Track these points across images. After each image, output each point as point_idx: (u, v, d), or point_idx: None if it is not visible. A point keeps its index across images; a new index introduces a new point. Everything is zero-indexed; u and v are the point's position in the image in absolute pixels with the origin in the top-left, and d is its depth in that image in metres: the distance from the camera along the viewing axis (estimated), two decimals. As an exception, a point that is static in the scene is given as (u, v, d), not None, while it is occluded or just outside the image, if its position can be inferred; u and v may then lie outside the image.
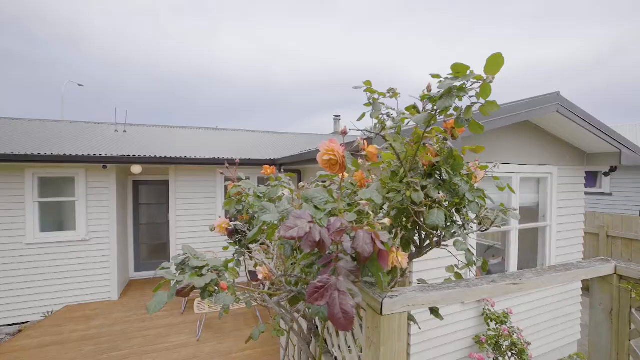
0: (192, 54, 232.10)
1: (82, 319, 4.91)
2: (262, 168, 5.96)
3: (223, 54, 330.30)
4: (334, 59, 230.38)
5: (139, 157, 5.33)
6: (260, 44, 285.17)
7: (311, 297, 0.61)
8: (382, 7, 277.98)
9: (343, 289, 0.60)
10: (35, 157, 4.84)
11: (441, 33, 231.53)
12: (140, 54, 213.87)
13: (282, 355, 2.64)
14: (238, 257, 2.40)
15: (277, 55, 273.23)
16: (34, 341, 4.29)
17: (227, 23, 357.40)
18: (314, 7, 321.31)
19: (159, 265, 6.31)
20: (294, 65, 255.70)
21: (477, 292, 1.19)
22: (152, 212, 7.01)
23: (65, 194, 5.46)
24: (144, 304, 5.46)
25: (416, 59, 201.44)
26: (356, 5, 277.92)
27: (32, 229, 5.21)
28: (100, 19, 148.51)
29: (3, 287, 5.07)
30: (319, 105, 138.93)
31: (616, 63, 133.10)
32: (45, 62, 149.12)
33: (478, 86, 0.98)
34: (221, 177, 6.29)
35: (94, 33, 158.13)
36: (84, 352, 4.00)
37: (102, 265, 5.60)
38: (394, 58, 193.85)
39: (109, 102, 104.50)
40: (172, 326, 4.68)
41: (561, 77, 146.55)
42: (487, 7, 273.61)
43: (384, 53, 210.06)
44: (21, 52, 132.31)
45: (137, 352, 3.99)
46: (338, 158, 0.87)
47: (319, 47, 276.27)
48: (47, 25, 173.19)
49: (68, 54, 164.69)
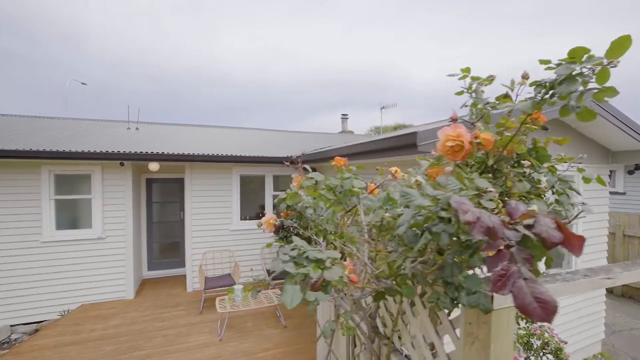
0: (191, 53, 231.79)
1: (99, 318, 4.85)
2: (275, 165, 6.18)
3: (222, 53, 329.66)
4: (333, 58, 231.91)
5: (157, 154, 5.28)
6: (261, 44, 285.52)
7: (495, 285, 0.57)
8: (381, 7, 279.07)
9: (528, 276, 0.56)
10: (53, 154, 4.78)
11: (440, 33, 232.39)
12: (140, 54, 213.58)
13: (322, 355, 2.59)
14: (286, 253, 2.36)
15: (276, 55, 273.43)
16: (52, 340, 4.23)
17: (226, 22, 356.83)
18: (315, 8, 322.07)
19: (171, 264, 6.28)
20: (294, 64, 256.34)
21: (574, 287, 1.15)
22: (165, 210, 6.95)
23: (81, 191, 5.41)
24: (159, 303, 5.41)
25: (416, 59, 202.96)
26: (356, 5, 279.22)
27: (48, 227, 5.15)
28: (100, 19, 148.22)
29: (19, 285, 5.00)
30: (319, 105, 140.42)
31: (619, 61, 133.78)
32: (44, 62, 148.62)
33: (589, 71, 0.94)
34: (237, 174, 6.25)
35: (93, 33, 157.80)
36: (105, 352, 3.94)
37: (117, 264, 5.54)
38: (393, 59, 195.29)
39: (109, 102, 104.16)
40: (191, 326, 4.63)
41: None
42: (487, 7, 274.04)
43: (384, 53, 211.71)
44: (20, 52, 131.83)
45: (159, 352, 3.93)
46: (464, 144, 0.82)
47: (318, 47, 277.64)
48: (47, 24, 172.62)
49: (68, 53, 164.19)
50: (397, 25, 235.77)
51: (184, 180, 6.90)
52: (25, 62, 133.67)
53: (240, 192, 6.35)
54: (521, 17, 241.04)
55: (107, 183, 5.48)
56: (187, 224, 5.96)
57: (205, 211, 6.07)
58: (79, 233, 5.36)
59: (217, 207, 6.16)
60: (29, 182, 5.06)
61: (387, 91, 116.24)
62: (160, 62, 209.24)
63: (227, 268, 6.00)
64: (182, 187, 6.97)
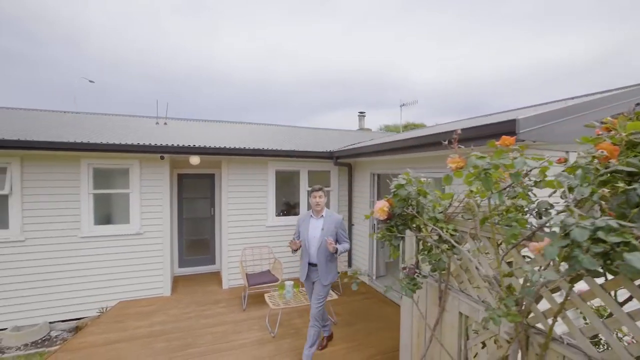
0: (190, 53, 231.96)
1: (142, 315, 4.72)
2: (310, 161, 5.85)
3: (222, 53, 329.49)
4: (333, 58, 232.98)
5: (200, 148, 5.15)
6: (260, 44, 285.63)
7: None
8: (381, 7, 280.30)
9: None
10: (95, 146, 4.66)
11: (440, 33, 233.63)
12: (139, 54, 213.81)
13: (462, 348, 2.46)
14: (395, 243, 2.23)
15: (276, 55, 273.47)
16: (100, 337, 4.10)
17: (226, 22, 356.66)
18: (315, 8, 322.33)
19: (201, 261, 6.13)
20: (294, 64, 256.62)
21: None
22: (195, 206, 6.82)
23: (120, 185, 5.28)
24: (198, 300, 5.28)
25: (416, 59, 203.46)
26: (356, 5, 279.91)
27: (87, 222, 5.03)
28: (100, 19, 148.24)
29: (58, 282, 4.88)
30: (319, 105, 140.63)
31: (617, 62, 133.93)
32: (44, 61, 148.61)
33: None
34: (273, 169, 6.12)
35: (93, 33, 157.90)
36: (157, 349, 3.81)
37: (155, 260, 5.41)
38: (393, 59, 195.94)
39: (109, 102, 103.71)
40: (238, 323, 4.50)
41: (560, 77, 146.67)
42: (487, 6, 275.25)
43: (384, 53, 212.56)
44: (20, 52, 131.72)
45: (213, 349, 3.81)
46: None
47: (318, 47, 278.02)
48: (47, 24, 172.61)
49: (67, 53, 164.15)
50: (397, 25, 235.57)
51: (215, 177, 6.82)
52: (25, 62, 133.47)
53: (275, 188, 6.22)
54: (521, 17, 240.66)
55: (145, 177, 5.36)
56: (224, 219, 5.83)
57: (241, 207, 5.94)
58: (117, 228, 5.23)
59: (253, 203, 6.03)
60: (68, 176, 4.94)
61: (387, 91, 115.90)
62: (160, 62, 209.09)
63: (266, 264, 5.87)
64: (212, 183, 6.85)
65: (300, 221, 3.66)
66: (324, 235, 3.38)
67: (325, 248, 3.35)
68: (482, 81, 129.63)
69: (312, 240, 3.45)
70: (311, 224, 3.51)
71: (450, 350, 2.21)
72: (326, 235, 3.36)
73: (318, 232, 3.44)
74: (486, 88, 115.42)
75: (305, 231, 3.51)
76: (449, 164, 1.60)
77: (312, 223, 3.51)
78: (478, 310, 2.00)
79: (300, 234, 3.56)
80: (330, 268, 3.45)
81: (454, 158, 1.58)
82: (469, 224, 2.08)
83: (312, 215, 3.56)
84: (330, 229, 3.42)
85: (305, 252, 3.50)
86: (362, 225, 6.24)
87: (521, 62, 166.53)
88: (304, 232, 3.52)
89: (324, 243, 3.35)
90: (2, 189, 4.62)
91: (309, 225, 3.51)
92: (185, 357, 3.64)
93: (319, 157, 6.06)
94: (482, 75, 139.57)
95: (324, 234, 3.39)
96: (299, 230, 3.61)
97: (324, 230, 3.42)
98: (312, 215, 3.56)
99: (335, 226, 3.45)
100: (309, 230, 3.49)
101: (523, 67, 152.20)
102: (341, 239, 3.48)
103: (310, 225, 3.51)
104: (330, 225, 3.44)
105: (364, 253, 6.13)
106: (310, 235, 3.47)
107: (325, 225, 3.44)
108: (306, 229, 3.50)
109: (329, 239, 3.30)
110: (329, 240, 3.28)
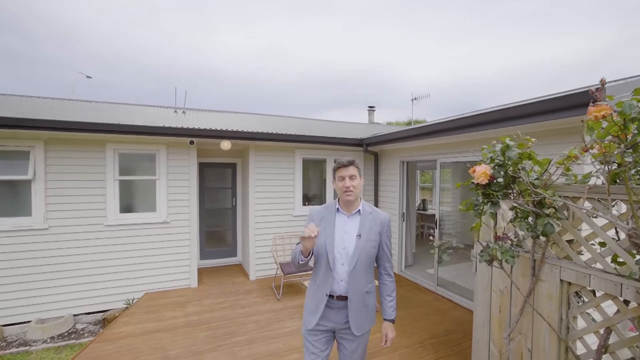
0: (189, 50, 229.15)
1: (174, 306, 4.52)
2: (336, 149, 5.57)
3: (220, 52, 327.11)
4: (333, 58, 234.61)
5: (231, 132, 4.99)
6: (259, 43, 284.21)
7: None
8: (385, 7, 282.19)
9: None
10: (125, 128, 4.46)
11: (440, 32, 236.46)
12: (137, 52, 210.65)
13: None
14: (493, 210, 2.13)
15: (275, 54, 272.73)
16: (136, 327, 3.89)
17: (223, 21, 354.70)
18: (315, 10, 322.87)
19: (223, 253, 5.96)
20: (293, 63, 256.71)
21: None
22: (217, 196, 6.63)
23: (146, 172, 5.07)
24: (229, 291, 5.09)
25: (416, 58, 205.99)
26: (357, 5, 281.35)
27: (113, 210, 4.80)
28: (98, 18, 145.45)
29: (83, 272, 4.64)
30: (319, 103, 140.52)
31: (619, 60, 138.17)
32: (43, 60, 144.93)
33: None
34: (299, 157, 5.98)
35: (91, 31, 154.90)
36: (202, 338, 3.64)
37: (182, 250, 5.21)
38: (393, 58, 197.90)
39: (108, 98, 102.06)
40: (277, 311, 4.35)
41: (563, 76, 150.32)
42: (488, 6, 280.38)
43: (385, 53, 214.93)
44: (17, 50, 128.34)
45: (261, 337, 3.65)
46: None
47: (318, 47, 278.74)
48: (43, 22, 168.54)
49: (65, 52, 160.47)
50: (398, 25, 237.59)
51: (237, 166, 6.64)
52: (23, 61, 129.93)
53: (300, 175, 6.09)
54: (522, 16, 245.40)
55: (171, 164, 5.16)
56: (250, 208, 5.66)
57: (268, 195, 5.78)
58: (144, 216, 5.01)
59: (280, 192, 5.88)
60: (93, 162, 4.71)
61: (384, 91, 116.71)
62: (158, 60, 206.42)
63: (296, 254, 5.73)
64: (234, 173, 6.67)
65: (316, 217, 1.97)
66: (363, 246, 1.86)
67: (364, 267, 1.87)
68: (478, 81, 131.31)
69: (341, 253, 1.86)
70: (338, 226, 1.91)
71: (549, 320, 2.12)
72: (366, 246, 1.86)
73: (352, 241, 1.87)
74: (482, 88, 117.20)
75: (328, 236, 1.87)
76: (591, 113, 1.51)
77: (340, 223, 1.92)
78: (587, 276, 1.92)
79: (317, 239, 1.78)
80: (369, 304, 1.93)
81: (600, 105, 1.49)
82: (573, 187, 2.01)
83: (340, 209, 1.95)
84: (372, 235, 1.90)
85: (323, 274, 1.89)
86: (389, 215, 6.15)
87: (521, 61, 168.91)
88: (325, 239, 1.87)
89: (362, 259, 1.84)
90: (26, 174, 4.37)
91: (334, 226, 1.90)
92: (233, 345, 3.48)
93: (349, 144, 5.96)
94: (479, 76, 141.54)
95: (363, 245, 1.86)
96: None
97: (362, 237, 1.87)
98: (338, 208, 1.95)
99: (381, 231, 1.93)
100: (335, 235, 1.88)
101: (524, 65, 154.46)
102: (384, 257, 1.98)
103: (338, 227, 1.90)
104: (372, 229, 1.90)
105: (393, 244, 6.03)
106: (337, 245, 1.86)
107: (363, 229, 1.88)
108: (330, 233, 1.88)
109: (386, 327, 1.94)
110: (386, 336, 1.93)
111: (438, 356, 3.27)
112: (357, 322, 1.87)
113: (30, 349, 3.92)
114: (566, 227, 2.07)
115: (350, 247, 1.86)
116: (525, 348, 2.28)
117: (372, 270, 1.95)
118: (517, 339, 2.35)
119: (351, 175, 1.87)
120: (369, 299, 1.92)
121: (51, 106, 6.12)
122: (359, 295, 1.87)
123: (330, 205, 2.01)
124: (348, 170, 1.87)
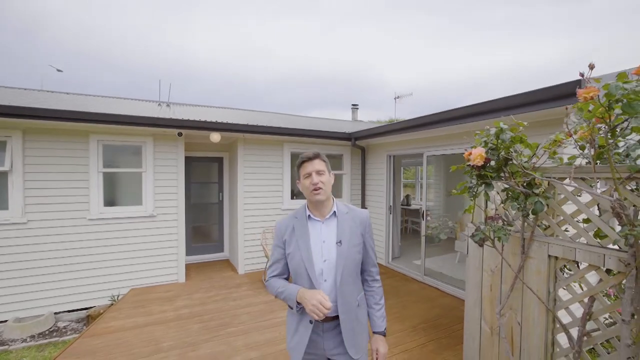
0: (168, 48, 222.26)
1: (163, 300, 4.42)
2: (327, 142, 5.60)
3: (200, 49, 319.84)
4: (313, 56, 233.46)
5: (220, 124, 4.94)
6: (242, 41, 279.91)
7: None
8: (365, 5, 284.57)
9: None
10: (109, 117, 4.31)
11: (423, 34, 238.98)
12: (112, 46, 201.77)
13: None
14: (488, 190, 2.26)
15: (256, 53, 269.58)
16: (126, 322, 3.79)
17: (206, 18, 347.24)
18: (298, 6, 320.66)
19: (210, 248, 5.94)
20: (274, 62, 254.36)
21: None
22: (203, 191, 6.53)
23: (132, 164, 4.92)
24: (219, 285, 5.04)
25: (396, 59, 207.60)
26: (337, 6, 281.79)
27: (97, 203, 4.63)
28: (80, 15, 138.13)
29: (65, 268, 4.45)
30: (303, 103, 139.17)
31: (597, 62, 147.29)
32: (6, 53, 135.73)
33: None
34: (288, 151, 5.99)
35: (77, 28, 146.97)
36: (195, 330, 3.59)
37: (169, 244, 5.10)
38: (375, 61, 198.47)
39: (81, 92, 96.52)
40: (269, 303, 4.35)
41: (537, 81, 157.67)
42: (472, 9, 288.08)
43: (366, 53, 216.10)
44: None
45: (256, 327, 3.65)
46: None
47: (298, 46, 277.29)
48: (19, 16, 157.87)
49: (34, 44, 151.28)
50: (381, 24, 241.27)
51: (223, 160, 6.56)
52: None
53: (290, 171, 6.11)
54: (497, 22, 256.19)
55: (158, 157, 5.04)
56: (239, 202, 5.62)
57: (256, 189, 5.76)
58: (129, 210, 4.87)
59: (269, 186, 5.87)
60: (75, 153, 4.52)
61: (366, 90, 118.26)
62: (132, 55, 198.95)
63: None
64: (221, 167, 6.59)
65: (283, 231, 1.61)
66: (346, 254, 1.52)
67: (352, 278, 1.56)
68: (459, 83, 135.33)
69: (322, 268, 1.51)
70: (313, 235, 1.55)
71: (538, 294, 2.28)
72: (350, 253, 1.53)
73: (332, 251, 1.52)
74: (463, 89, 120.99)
75: (303, 251, 1.51)
76: (580, 95, 1.65)
77: (315, 232, 1.56)
78: (573, 250, 2.08)
79: (291, 257, 1.54)
80: (361, 317, 1.60)
81: (588, 87, 1.63)
82: (559, 169, 2.17)
83: (312, 215, 1.59)
84: (354, 238, 1.57)
85: None
86: (376, 209, 6.28)
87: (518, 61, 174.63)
88: (301, 256, 1.51)
89: (349, 269, 1.52)
90: (2, 165, 4.14)
91: (308, 237, 1.54)
92: (228, 335, 3.47)
93: (337, 137, 6.03)
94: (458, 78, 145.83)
95: (346, 252, 1.52)
96: (286, 251, 1.57)
97: (344, 244, 1.52)
98: (310, 215, 1.59)
99: (363, 232, 1.62)
100: (312, 247, 1.53)
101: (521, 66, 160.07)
102: (369, 261, 1.66)
103: (313, 237, 1.55)
104: (353, 231, 1.58)
105: (380, 237, 6.16)
106: (317, 260, 1.51)
107: (343, 234, 1.54)
108: (306, 247, 1.52)
109: (376, 342, 1.58)
110: (377, 352, 1.56)
111: (430, 338, 3.40)
112: (353, 343, 1.51)
113: (10, 348, 3.72)
114: (553, 206, 2.23)
115: (332, 258, 1.51)
116: (515, 322, 2.43)
117: (359, 279, 1.65)
118: (507, 314, 2.49)
119: (318, 170, 1.52)
120: (360, 312, 1.59)
121: (29, 96, 5.81)
122: (350, 312, 1.52)
123: (299, 213, 1.63)
124: (314, 165, 1.53)
